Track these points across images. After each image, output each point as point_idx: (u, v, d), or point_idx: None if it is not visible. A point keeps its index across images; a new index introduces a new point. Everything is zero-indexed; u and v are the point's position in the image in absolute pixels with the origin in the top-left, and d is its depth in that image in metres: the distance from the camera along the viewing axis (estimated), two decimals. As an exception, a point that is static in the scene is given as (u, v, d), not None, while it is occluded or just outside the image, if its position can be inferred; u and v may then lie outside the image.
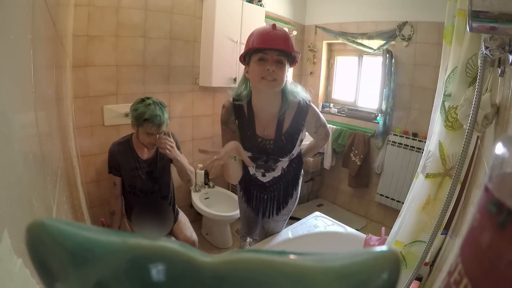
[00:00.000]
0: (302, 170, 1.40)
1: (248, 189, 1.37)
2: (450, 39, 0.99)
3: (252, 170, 1.28)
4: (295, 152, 1.20)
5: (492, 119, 0.73)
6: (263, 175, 1.26)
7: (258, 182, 1.30)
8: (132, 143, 1.57)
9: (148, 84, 2.08)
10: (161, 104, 1.51)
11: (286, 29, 2.89)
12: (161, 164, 1.63)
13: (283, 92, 1.12)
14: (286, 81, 1.10)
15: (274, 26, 1.07)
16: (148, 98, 1.51)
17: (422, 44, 2.43)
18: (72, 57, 1.67)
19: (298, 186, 1.37)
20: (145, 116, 1.43)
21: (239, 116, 1.18)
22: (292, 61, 1.10)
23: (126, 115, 1.96)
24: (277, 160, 1.21)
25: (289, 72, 1.12)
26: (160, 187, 1.65)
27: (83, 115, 1.81)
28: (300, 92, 1.15)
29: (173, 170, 1.72)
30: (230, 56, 2.26)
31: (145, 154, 1.58)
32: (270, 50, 1.03)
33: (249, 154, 1.20)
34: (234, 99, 1.17)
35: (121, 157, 1.55)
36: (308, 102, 1.16)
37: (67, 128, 1.18)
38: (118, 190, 1.61)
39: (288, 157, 1.20)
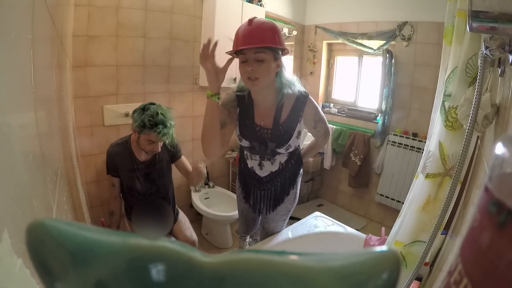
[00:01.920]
0: (302, 170, 1.40)
1: (246, 185, 1.39)
2: (450, 39, 0.99)
3: (250, 163, 1.30)
4: (292, 143, 1.21)
5: (492, 119, 0.73)
6: (260, 167, 1.28)
7: (255, 176, 1.32)
8: (130, 144, 1.56)
9: (148, 84, 2.08)
10: (165, 113, 1.46)
11: (286, 30, 2.88)
12: (159, 166, 1.62)
13: (278, 83, 1.13)
14: (281, 71, 1.11)
15: (249, 21, 1.05)
16: (153, 104, 1.46)
17: (422, 44, 2.43)
18: (72, 57, 1.67)
19: (295, 185, 1.37)
20: (147, 125, 1.40)
21: (240, 104, 1.21)
22: (282, 51, 1.09)
23: (126, 115, 1.96)
24: (274, 152, 1.23)
25: (289, 65, 1.14)
26: (158, 189, 1.65)
27: (83, 115, 1.81)
28: (296, 83, 1.16)
29: (174, 171, 1.73)
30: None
31: (143, 156, 1.58)
32: (247, 49, 1.02)
33: (247, 142, 1.22)
34: (237, 90, 1.22)
35: (119, 159, 1.54)
36: (305, 94, 1.18)
37: (67, 128, 1.18)
38: (116, 191, 1.61)
39: (284, 147, 1.21)
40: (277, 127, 1.18)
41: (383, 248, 0.21)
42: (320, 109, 1.25)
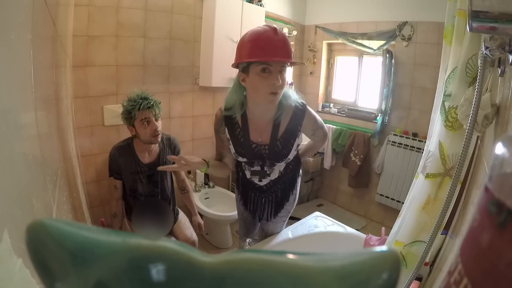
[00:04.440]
0: (301, 171, 1.39)
1: (246, 192, 1.35)
2: (450, 39, 0.99)
3: (248, 174, 1.25)
4: (291, 156, 1.18)
5: (492, 119, 0.73)
6: (259, 179, 1.25)
7: (255, 185, 1.29)
8: (133, 146, 1.56)
9: (148, 84, 2.08)
10: (140, 91, 1.49)
11: (286, 30, 2.88)
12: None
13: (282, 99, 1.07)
14: (286, 88, 1.07)
15: (275, 30, 0.97)
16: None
17: (422, 44, 2.43)
18: (72, 57, 1.67)
19: (296, 188, 1.36)
20: (128, 108, 1.44)
21: (230, 124, 1.15)
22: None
23: (126, 115, 1.96)
24: (273, 164, 1.20)
25: (289, 70, 1.11)
26: (160, 191, 1.65)
27: (83, 115, 1.81)
28: (292, 95, 1.11)
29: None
30: (230, 56, 2.25)
31: (146, 158, 1.58)
32: (276, 62, 0.96)
33: (245, 159, 1.18)
34: (225, 109, 1.13)
35: (122, 161, 1.54)
36: (303, 105, 1.12)
37: (67, 128, 1.18)
38: (119, 193, 1.60)
39: (284, 161, 1.18)
40: (275, 143, 1.13)
41: (383, 248, 0.21)
42: (318, 117, 1.20)
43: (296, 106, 1.11)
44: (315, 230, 1.49)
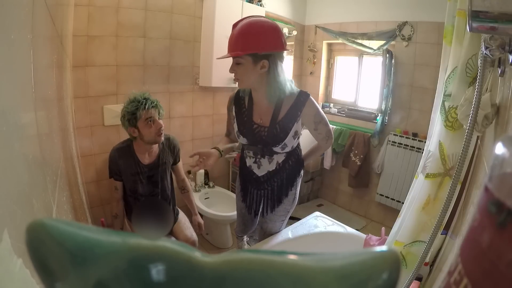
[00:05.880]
0: (302, 172, 1.39)
1: (245, 184, 1.40)
2: (450, 39, 0.99)
3: (248, 162, 1.33)
4: (288, 143, 1.21)
5: (492, 119, 0.73)
6: (258, 165, 1.29)
7: (253, 175, 1.33)
8: (133, 148, 1.56)
9: (148, 84, 2.08)
10: (141, 92, 1.48)
11: (286, 30, 2.87)
12: (162, 169, 1.62)
13: (269, 85, 1.17)
14: (270, 71, 1.13)
15: (235, 25, 1.13)
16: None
17: (422, 44, 2.43)
18: (72, 57, 1.67)
19: (294, 186, 1.37)
20: (132, 109, 1.42)
21: (239, 104, 1.30)
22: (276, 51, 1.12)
23: (126, 115, 1.96)
24: (272, 152, 1.24)
25: (289, 70, 1.17)
26: (160, 191, 1.65)
27: (83, 115, 1.81)
28: (286, 85, 1.19)
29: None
30: (230, 56, 2.26)
31: (146, 159, 1.58)
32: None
33: (245, 140, 1.27)
34: (237, 91, 1.32)
35: (122, 162, 1.53)
36: (306, 94, 1.21)
37: (67, 128, 1.18)
38: (119, 194, 1.60)
39: (280, 146, 1.21)
40: (274, 125, 1.20)
41: (383, 248, 0.21)
42: (321, 111, 1.26)
43: (299, 94, 1.20)
44: (315, 230, 1.49)
